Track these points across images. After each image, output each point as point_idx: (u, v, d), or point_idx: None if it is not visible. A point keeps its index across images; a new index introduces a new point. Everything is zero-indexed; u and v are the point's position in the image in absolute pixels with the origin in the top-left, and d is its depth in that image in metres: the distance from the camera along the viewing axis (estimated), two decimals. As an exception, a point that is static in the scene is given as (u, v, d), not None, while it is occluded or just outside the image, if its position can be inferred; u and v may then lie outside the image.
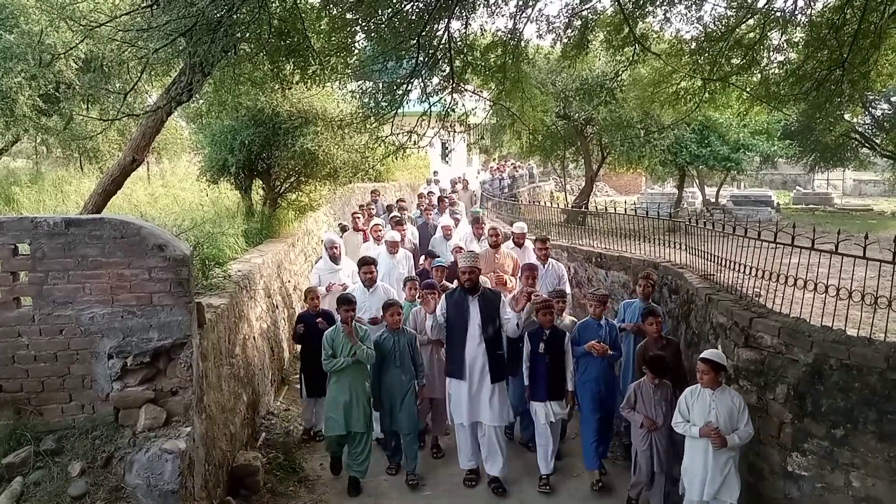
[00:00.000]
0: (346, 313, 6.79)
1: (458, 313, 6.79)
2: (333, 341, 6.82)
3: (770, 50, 8.72)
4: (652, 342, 6.80)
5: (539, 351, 6.84)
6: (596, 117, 17.58)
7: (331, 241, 9.30)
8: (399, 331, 7.02)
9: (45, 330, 5.29)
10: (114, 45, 6.58)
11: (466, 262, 6.74)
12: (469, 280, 6.74)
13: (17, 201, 10.82)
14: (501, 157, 34.16)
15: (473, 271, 6.75)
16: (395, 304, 7.11)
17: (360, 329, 6.89)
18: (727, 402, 5.50)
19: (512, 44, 8.20)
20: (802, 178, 37.83)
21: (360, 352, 6.72)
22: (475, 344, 6.74)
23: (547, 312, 6.84)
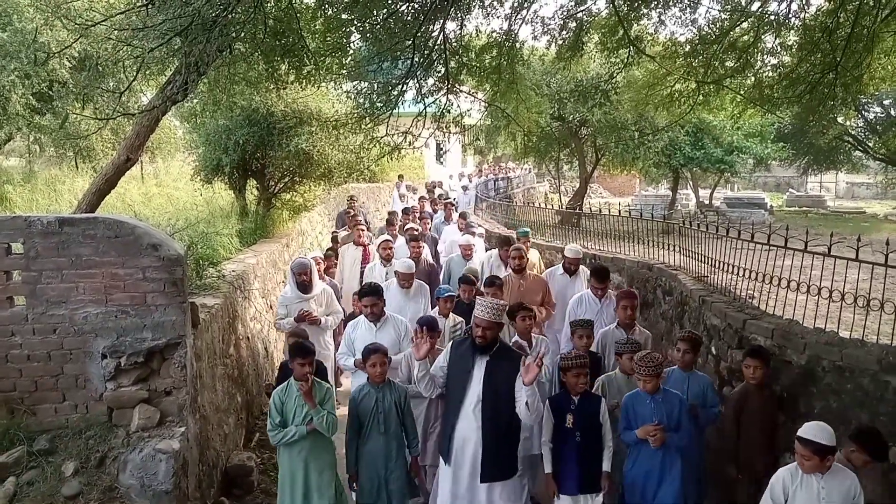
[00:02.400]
0: (302, 368, 5.05)
1: (458, 373, 5.15)
2: (284, 404, 5.18)
3: (764, 53, 8.77)
4: (754, 390, 5.39)
5: (566, 425, 5.19)
6: (590, 119, 17.64)
7: (301, 266, 7.38)
8: (384, 385, 5.37)
9: (38, 329, 5.27)
10: (109, 44, 6.55)
11: (485, 314, 4.97)
12: (482, 338, 4.99)
13: (10, 200, 10.78)
14: (496, 158, 34.25)
15: (492, 328, 4.99)
16: (378, 350, 5.34)
17: (320, 387, 5.26)
18: (841, 488, 4.16)
19: (507, 45, 8.22)
20: (795, 180, 38.03)
21: (318, 419, 5.07)
22: (470, 421, 5.04)
23: (579, 374, 5.18)
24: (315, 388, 5.17)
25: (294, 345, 5.34)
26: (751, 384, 5.36)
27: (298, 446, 5.20)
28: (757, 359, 5.33)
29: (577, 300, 7.36)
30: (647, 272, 9.07)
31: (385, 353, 5.36)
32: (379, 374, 5.33)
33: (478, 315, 5.01)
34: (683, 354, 5.61)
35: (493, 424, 4.98)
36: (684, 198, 28.29)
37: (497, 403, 4.95)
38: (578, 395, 5.24)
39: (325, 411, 5.13)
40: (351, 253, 9.86)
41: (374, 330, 6.32)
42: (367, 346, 5.45)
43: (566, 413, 5.19)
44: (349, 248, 9.93)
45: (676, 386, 5.53)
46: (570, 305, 7.36)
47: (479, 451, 5.00)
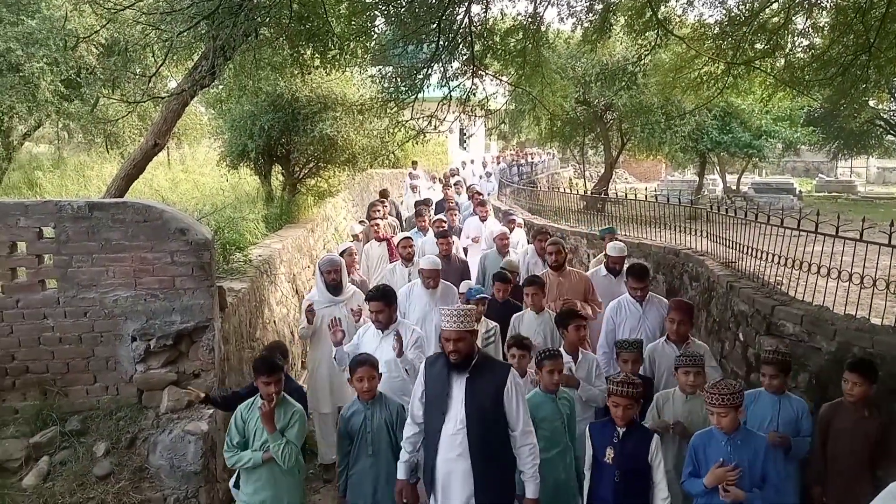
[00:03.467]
0: (267, 387, 4.40)
1: (434, 397, 4.28)
2: (246, 424, 4.55)
3: (795, 34, 8.62)
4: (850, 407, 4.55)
5: (605, 460, 4.32)
6: (616, 103, 17.46)
7: (330, 263, 6.47)
8: (374, 401, 4.70)
9: (69, 312, 5.36)
10: (137, 28, 6.61)
11: (452, 323, 4.10)
12: (455, 352, 4.10)
13: (41, 186, 10.96)
14: (520, 143, 34.08)
15: (464, 339, 4.11)
16: (366, 363, 4.69)
17: (286, 410, 4.57)
18: None
19: (532, 28, 8.15)
20: (825, 165, 37.41)
21: (274, 447, 4.40)
22: (451, 451, 4.17)
23: (627, 396, 4.24)
24: (281, 409, 4.52)
25: (259, 359, 4.66)
26: (847, 401, 4.53)
27: (255, 475, 4.53)
28: (858, 374, 4.46)
29: (614, 307, 6.39)
30: (674, 258, 8.99)
31: (374, 366, 4.70)
32: (367, 389, 4.65)
33: (444, 326, 4.11)
34: (770, 380, 4.69)
35: (482, 450, 4.13)
36: (711, 183, 27.96)
37: (484, 426, 4.11)
38: (624, 427, 4.29)
39: (283, 439, 4.43)
40: (376, 250, 9.06)
41: (379, 338, 5.46)
42: (354, 358, 4.82)
43: (606, 446, 4.34)
44: (372, 244, 9.16)
45: (764, 413, 4.66)
46: (608, 314, 6.44)
47: (467, 483, 4.14)
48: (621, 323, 6.29)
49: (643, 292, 6.27)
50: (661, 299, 6.52)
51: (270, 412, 4.41)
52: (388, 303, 5.42)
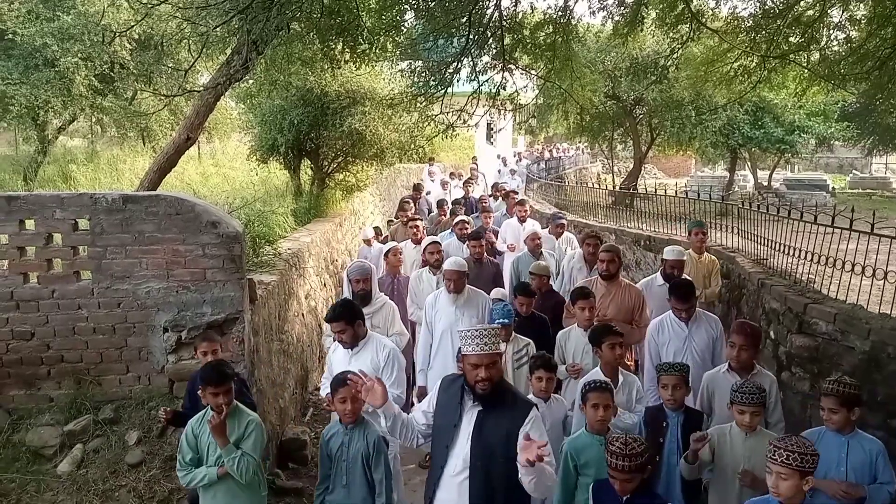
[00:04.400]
0: (215, 398, 4.01)
1: (442, 426, 3.71)
2: (198, 439, 4.19)
3: (830, 27, 8.47)
4: None
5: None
6: (646, 97, 17.30)
7: (360, 271, 5.81)
8: (355, 426, 4.20)
9: (103, 303, 5.45)
10: (171, 23, 6.69)
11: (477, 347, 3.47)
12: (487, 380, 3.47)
13: (75, 179, 11.16)
14: (547, 138, 33.94)
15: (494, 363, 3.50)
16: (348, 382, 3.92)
17: (240, 420, 4.18)
18: None
19: (562, 21, 8.10)
20: (859, 161, 36.72)
21: (229, 461, 4.04)
22: (450, 492, 3.61)
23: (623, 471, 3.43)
24: (234, 420, 4.14)
25: (205, 367, 4.28)
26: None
27: (212, 493, 4.17)
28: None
29: (656, 326, 5.66)
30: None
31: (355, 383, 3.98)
32: (349, 412, 4.12)
33: (467, 350, 3.48)
34: (830, 414, 3.92)
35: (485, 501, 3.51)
36: (742, 179, 27.61)
37: (491, 471, 3.47)
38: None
39: (238, 452, 4.06)
40: (410, 254, 8.24)
41: (349, 356, 4.87)
42: (335, 377, 4.30)
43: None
44: (407, 245, 8.31)
45: (829, 456, 3.89)
46: (649, 333, 5.70)
47: None
48: (664, 344, 5.54)
49: (688, 313, 5.46)
50: (711, 316, 5.67)
51: (221, 424, 4.02)
52: (349, 321, 4.75)
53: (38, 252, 5.41)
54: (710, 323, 5.54)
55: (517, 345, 5.46)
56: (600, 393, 4.08)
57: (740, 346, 4.63)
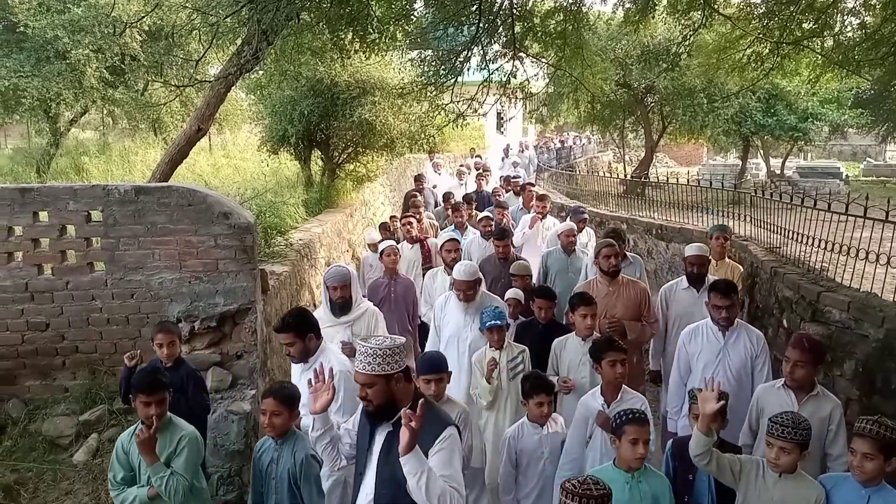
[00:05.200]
0: (147, 408, 3.69)
1: (360, 443, 3.43)
2: (129, 455, 3.82)
3: (844, 13, 8.38)
4: None
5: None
6: (657, 85, 17.19)
7: (338, 277, 5.19)
8: (285, 441, 3.81)
9: (117, 294, 5.50)
10: (180, 14, 6.70)
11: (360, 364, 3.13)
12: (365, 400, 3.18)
13: (87, 171, 11.22)
14: (558, 127, 33.79)
15: (372, 384, 3.11)
16: (278, 394, 3.77)
17: (172, 434, 3.82)
18: None
19: (573, 9, 8.05)
20: (873, 149, 36.36)
21: (157, 480, 3.69)
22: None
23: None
24: (166, 435, 3.78)
25: (139, 373, 4.03)
26: None
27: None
28: None
29: (690, 333, 5.09)
30: (716, 242, 8.85)
31: (284, 400, 3.75)
32: (276, 426, 3.75)
33: (356, 368, 3.15)
34: (863, 461, 3.24)
35: None
36: (754, 167, 27.42)
37: (398, 502, 3.10)
38: None
39: (167, 471, 3.71)
40: (407, 253, 7.71)
41: (299, 371, 4.53)
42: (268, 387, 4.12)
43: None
44: (403, 246, 7.81)
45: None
46: (681, 341, 5.14)
47: None
48: (695, 353, 4.98)
49: (729, 313, 4.83)
50: (753, 330, 5.07)
51: (149, 439, 3.64)
52: (298, 333, 4.31)
53: (52, 243, 5.45)
54: (751, 337, 4.93)
55: (511, 352, 5.02)
56: (640, 426, 3.51)
57: (795, 361, 4.09)
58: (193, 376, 4.41)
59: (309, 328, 4.36)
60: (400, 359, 3.13)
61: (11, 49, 10.96)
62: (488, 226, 8.00)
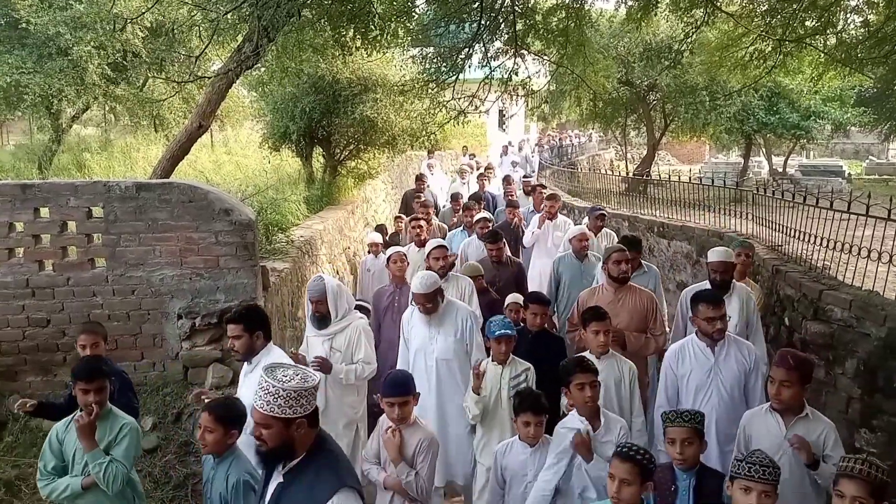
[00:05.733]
0: (86, 395, 3.62)
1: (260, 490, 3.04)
2: (63, 445, 3.74)
3: (847, 11, 8.36)
4: None
5: None
6: (659, 83, 17.17)
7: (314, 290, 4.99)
8: (222, 459, 3.52)
9: (118, 290, 5.50)
10: (181, 10, 6.70)
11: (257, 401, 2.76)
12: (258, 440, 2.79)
13: (89, 167, 11.22)
14: (560, 125, 33.76)
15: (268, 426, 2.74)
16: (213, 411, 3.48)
17: (112, 423, 3.74)
18: None
19: (575, 6, 8.04)
20: (876, 147, 36.26)
21: (96, 467, 3.57)
22: None
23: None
24: (106, 423, 3.71)
25: (79, 362, 3.90)
26: None
27: None
28: None
29: (675, 353, 4.60)
30: (718, 240, 8.83)
31: (220, 418, 3.44)
32: (208, 443, 3.47)
33: (254, 404, 2.78)
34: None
35: None
36: (756, 165, 27.36)
37: None
38: None
39: (106, 458, 3.59)
40: (414, 257, 7.20)
41: (244, 372, 4.37)
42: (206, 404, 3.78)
43: None
44: (411, 249, 7.44)
45: None
46: (666, 361, 4.68)
47: None
48: (684, 376, 4.52)
49: (723, 325, 4.40)
50: (744, 343, 4.63)
51: (89, 425, 3.58)
52: (248, 327, 4.17)
53: (53, 240, 5.46)
54: (743, 351, 4.48)
55: (515, 369, 4.68)
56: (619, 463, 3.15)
57: (781, 381, 3.74)
58: (120, 378, 4.26)
59: (258, 325, 4.23)
60: (307, 402, 2.77)
61: (13, 45, 10.96)
62: (485, 227, 7.65)
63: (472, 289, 5.97)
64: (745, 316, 5.27)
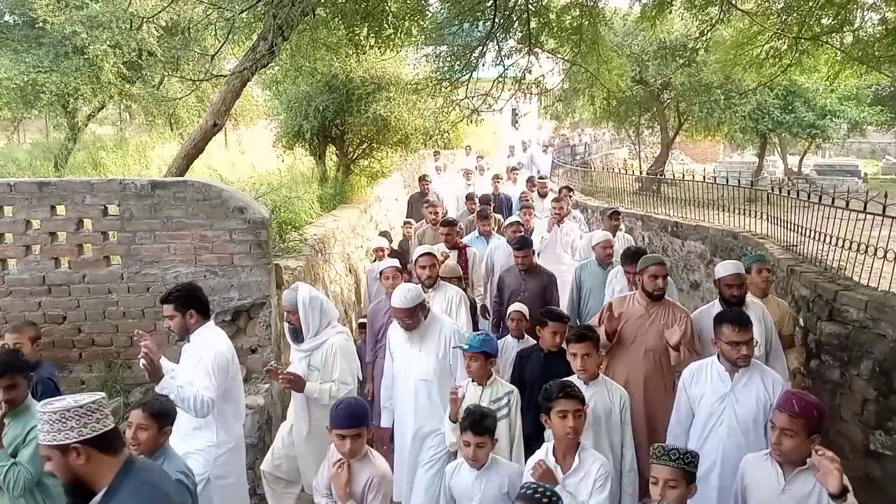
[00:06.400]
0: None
1: None
2: None
3: (864, 8, 8.30)
4: None
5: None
6: (674, 81, 17.08)
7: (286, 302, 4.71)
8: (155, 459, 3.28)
9: (133, 287, 5.54)
10: (197, 9, 6.74)
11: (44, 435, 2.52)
12: None
13: (104, 165, 11.28)
14: (573, 123, 33.67)
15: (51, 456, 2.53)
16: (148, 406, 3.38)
17: (27, 421, 3.51)
18: None
19: (589, 4, 8.01)
20: (893, 146, 35.94)
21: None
22: None
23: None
24: (19, 423, 3.50)
25: None
26: None
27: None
28: None
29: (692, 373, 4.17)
30: (732, 240, 8.79)
31: (154, 414, 3.35)
32: (140, 441, 3.32)
33: None
34: None
35: None
36: (771, 164, 27.16)
37: None
38: None
39: (9, 461, 3.39)
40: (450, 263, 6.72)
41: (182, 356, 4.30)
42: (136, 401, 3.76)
43: None
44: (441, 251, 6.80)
45: None
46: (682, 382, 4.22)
47: None
48: (697, 399, 4.09)
49: (749, 350, 3.90)
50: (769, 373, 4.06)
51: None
52: (179, 307, 4.11)
53: (69, 237, 5.51)
54: (766, 381, 3.95)
55: (496, 392, 4.27)
56: None
57: (783, 429, 3.19)
58: (46, 383, 4.11)
59: (191, 304, 4.12)
60: (81, 424, 2.42)
61: (31, 45, 11.05)
62: (518, 231, 7.19)
63: (460, 299, 5.58)
64: (764, 336, 4.73)
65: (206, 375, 3.92)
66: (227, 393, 4.09)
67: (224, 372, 4.04)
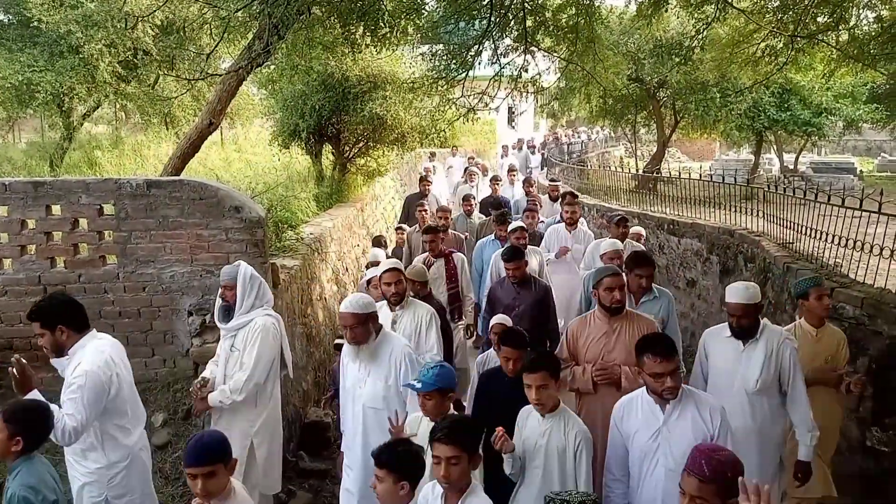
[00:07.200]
0: None
1: None
2: None
3: (859, 6, 8.29)
4: None
5: None
6: (670, 80, 17.10)
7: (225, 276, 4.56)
8: (12, 469, 3.15)
9: (128, 287, 5.54)
10: (192, 8, 6.72)
11: None
12: None
13: (100, 165, 11.26)
14: (569, 122, 33.67)
15: None
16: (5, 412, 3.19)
17: None
18: None
19: (585, 3, 8.00)
20: (888, 144, 36.00)
21: None
22: None
23: None
24: None
25: None
26: None
27: None
28: None
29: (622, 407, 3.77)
30: (729, 238, 8.80)
31: (7, 417, 3.14)
32: None
33: None
34: None
35: None
36: (767, 162, 27.21)
37: None
38: None
39: None
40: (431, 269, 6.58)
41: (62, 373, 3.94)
42: None
43: None
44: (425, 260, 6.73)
45: None
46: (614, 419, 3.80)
47: None
48: (630, 434, 3.68)
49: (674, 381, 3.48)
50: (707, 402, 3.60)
51: None
52: (46, 324, 3.76)
53: (65, 237, 5.50)
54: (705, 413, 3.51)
55: None
56: None
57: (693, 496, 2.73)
58: None
59: (59, 319, 3.74)
60: None
61: (25, 44, 11.01)
62: (522, 237, 6.73)
63: (430, 318, 5.05)
64: (773, 369, 4.20)
65: (73, 402, 3.56)
66: (109, 412, 3.75)
67: (98, 394, 3.63)
